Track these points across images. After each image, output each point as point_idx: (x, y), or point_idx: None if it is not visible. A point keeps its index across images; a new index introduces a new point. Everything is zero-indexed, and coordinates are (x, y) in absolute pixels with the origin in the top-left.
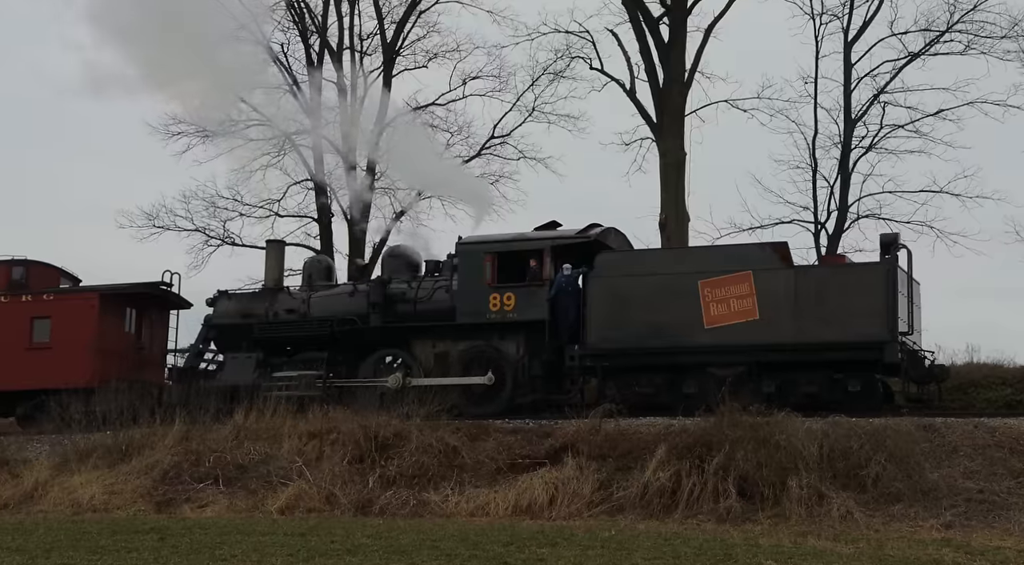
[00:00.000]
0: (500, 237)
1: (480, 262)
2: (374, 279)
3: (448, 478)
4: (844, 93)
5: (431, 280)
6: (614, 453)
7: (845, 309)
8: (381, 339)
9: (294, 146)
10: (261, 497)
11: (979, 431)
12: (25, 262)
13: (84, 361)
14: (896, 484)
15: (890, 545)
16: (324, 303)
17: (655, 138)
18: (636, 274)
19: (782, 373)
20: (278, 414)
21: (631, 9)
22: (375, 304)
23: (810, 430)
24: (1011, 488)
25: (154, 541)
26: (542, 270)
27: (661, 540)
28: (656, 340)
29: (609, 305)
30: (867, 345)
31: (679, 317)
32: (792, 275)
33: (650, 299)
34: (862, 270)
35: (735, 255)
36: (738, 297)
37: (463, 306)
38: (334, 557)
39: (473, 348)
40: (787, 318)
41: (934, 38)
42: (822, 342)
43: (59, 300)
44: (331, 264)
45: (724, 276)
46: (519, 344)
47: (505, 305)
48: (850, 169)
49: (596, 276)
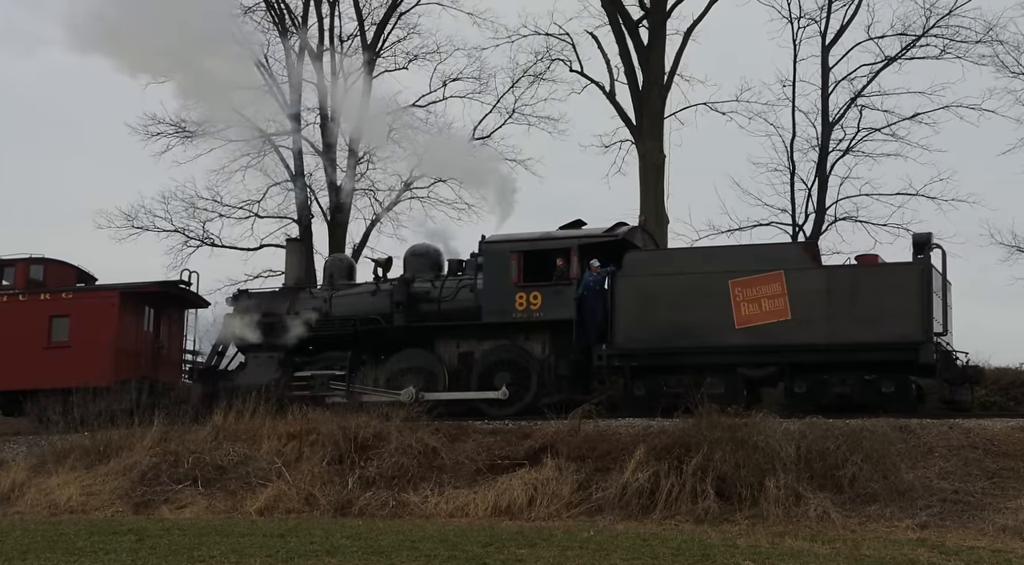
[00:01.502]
0: (526, 236)
1: (506, 261)
2: (398, 278)
3: (428, 479)
4: (821, 96)
5: (455, 279)
6: (593, 454)
7: (879, 309)
8: (404, 338)
9: (274, 147)
10: (240, 498)
11: (954, 432)
12: (43, 260)
13: (104, 360)
14: (872, 485)
15: (866, 545)
16: (346, 302)
17: (635, 140)
18: (665, 273)
19: (813, 374)
20: (257, 415)
21: (611, 12)
22: (399, 303)
23: (787, 431)
24: (985, 488)
25: (132, 542)
26: (569, 269)
27: (639, 541)
28: (685, 340)
29: (637, 304)
30: (902, 346)
31: (709, 317)
32: (825, 275)
33: (679, 299)
34: (897, 270)
35: (766, 254)
36: (770, 297)
37: (489, 305)
38: (313, 558)
39: (498, 348)
40: (820, 318)
41: (910, 42)
42: (856, 343)
43: (78, 298)
44: (353, 263)
45: (755, 276)
46: (545, 344)
47: (532, 304)
48: (827, 172)
49: (624, 275)
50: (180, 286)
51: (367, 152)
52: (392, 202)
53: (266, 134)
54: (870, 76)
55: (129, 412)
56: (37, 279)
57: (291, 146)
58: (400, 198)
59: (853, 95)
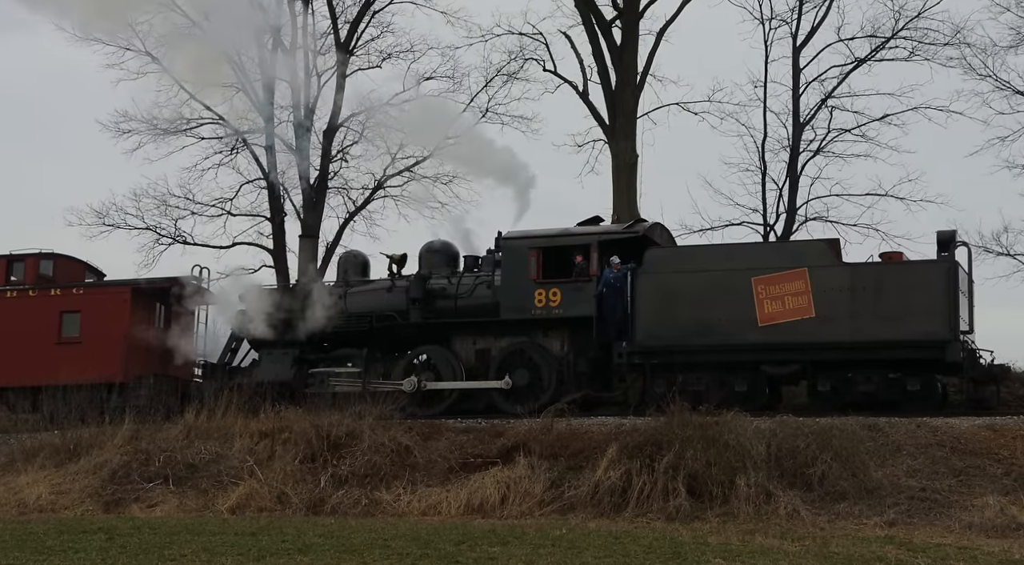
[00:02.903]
0: (545, 232)
1: (525, 257)
2: (414, 274)
3: (400, 477)
4: (793, 97)
5: (471, 275)
6: (565, 452)
7: (905, 307)
8: (421, 335)
9: (247, 145)
10: (212, 497)
11: (922, 430)
12: (52, 255)
13: (115, 356)
14: (841, 483)
15: (835, 542)
16: (361, 299)
17: (607, 140)
18: (686, 270)
19: (837, 372)
20: (229, 413)
21: (584, 12)
22: (415, 299)
23: (758, 429)
24: (952, 486)
25: (102, 541)
26: (589, 265)
27: (611, 539)
28: (707, 338)
29: (658, 302)
30: (928, 344)
31: (731, 314)
32: (849, 272)
33: (701, 296)
34: (923, 268)
35: (789, 252)
36: (793, 294)
37: (507, 302)
38: (285, 556)
39: (515, 345)
40: (844, 316)
41: (880, 44)
42: (881, 340)
43: (89, 294)
44: (367, 260)
45: (778, 273)
46: (564, 341)
47: (551, 301)
48: (798, 172)
49: (645, 272)
50: (192, 282)
51: (340, 150)
52: (365, 200)
53: (239, 132)
54: (840, 77)
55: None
56: (47, 275)
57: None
58: (373, 196)
59: (823, 96)
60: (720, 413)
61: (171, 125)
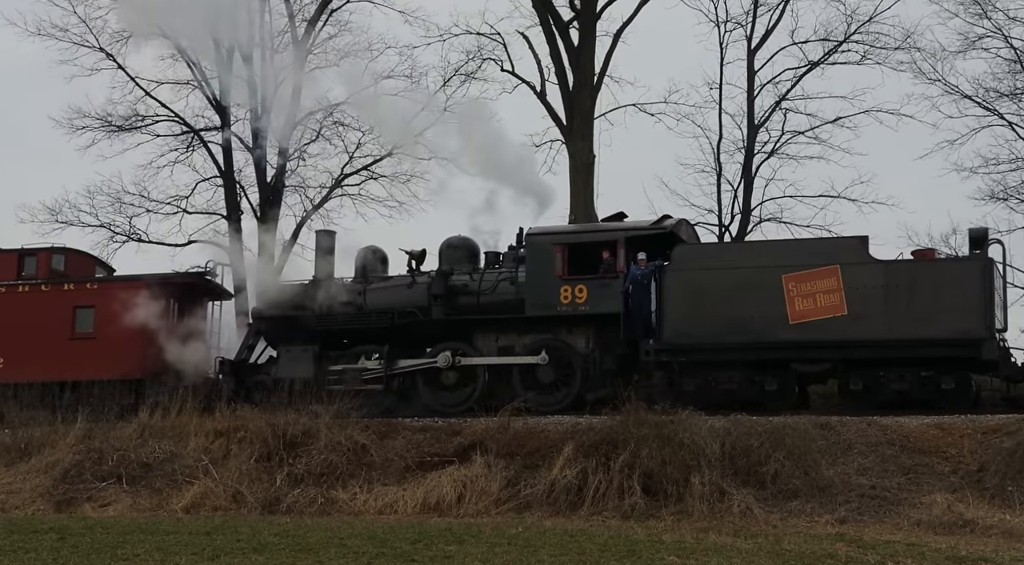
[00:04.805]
0: (571, 228)
1: (550, 253)
2: (436, 270)
3: (357, 476)
4: (747, 99)
5: (494, 272)
6: (522, 451)
7: (939, 305)
8: (442, 332)
9: (203, 142)
10: (166, 496)
11: (872, 429)
12: (64, 250)
13: (130, 352)
14: (794, 481)
15: (787, 540)
16: (381, 295)
17: (565, 140)
18: (715, 267)
19: (869, 370)
20: (184, 412)
21: (541, 13)
22: (437, 296)
23: (712, 428)
24: (901, 484)
25: (53, 541)
26: (616, 262)
27: (567, 537)
28: (736, 336)
29: (687, 299)
30: (963, 342)
31: (761, 312)
32: (882, 269)
33: (730, 293)
34: (958, 265)
35: (821, 249)
36: (825, 291)
37: (532, 298)
38: (240, 556)
39: (539, 342)
40: (877, 314)
41: (832, 48)
42: (915, 338)
43: (103, 289)
44: (386, 255)
45: (810, 270)
46: (589, 337)
47: (577, 297)
48: (753, 173)
49: (673, 269)
50: (206, 278)
51: (297, 149)
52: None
53: (194, 129)
54: (794, 80)
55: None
56: (59, 269)
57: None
58: (331, 195)
59: (778, 99)
60: (675, 412)
61: (126, 122)
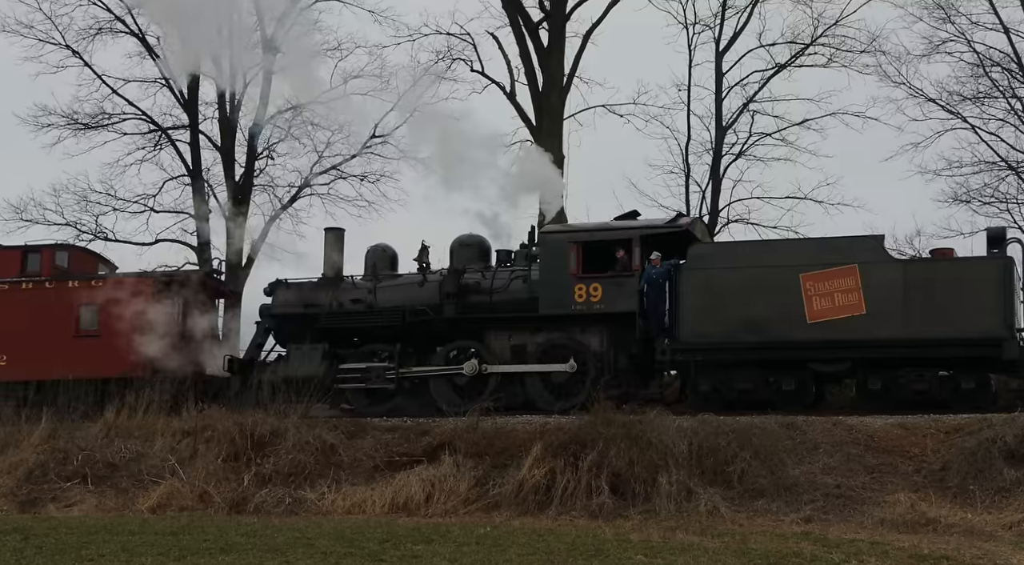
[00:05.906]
0: (585, 226)
1: (564, 251)
2: (447, 268)
3: (325, 476)
4: (716, 101)
5: (506, 270)
6: (491, 451)
7: (958, 304)
8: (454, 330)
9: (170, 141)
10: (132, 496)
11: (838, 429)
12: (68, 247)
13: (135, 350)
14: (760, 480)
15: (753, 539)
16: (391, 293)
17: (534, 140)
18: (732, 266)
19: (887, 370)
20: (151, 412)
21: (511, 13)
22: (449, 294)
23: (680, 428)
24: (865, 483)
25: (16, 541)
26: (631, 260)
27: (535, 536)
28: (753, 335)
29: (703, 298)
30: (983, 342)
31: (779, 311)
32: (901, 269)
33: (747, 293)
34: (978, 264)
35: (838, 248)
36: (843, 291)
37: (546, 297)
38: (207, 556)
39: (552, 340)
40: (896, 313)
41: (799, 50)
42: (934, 338)
43: (108, 286)
44: (396, 253)
45: (828, 270)
46: (603, 336)
47: (592, 296)
48: (721, 175)
49: (689, 268)
50: (212, 275)
51: (266, 148)
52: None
53: (162, 128)
54: (762, 82)
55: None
56: (62, 266)
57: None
58: (300, 194)
59: (745, 100)
60: (643, 411)
61: (92, 120)
